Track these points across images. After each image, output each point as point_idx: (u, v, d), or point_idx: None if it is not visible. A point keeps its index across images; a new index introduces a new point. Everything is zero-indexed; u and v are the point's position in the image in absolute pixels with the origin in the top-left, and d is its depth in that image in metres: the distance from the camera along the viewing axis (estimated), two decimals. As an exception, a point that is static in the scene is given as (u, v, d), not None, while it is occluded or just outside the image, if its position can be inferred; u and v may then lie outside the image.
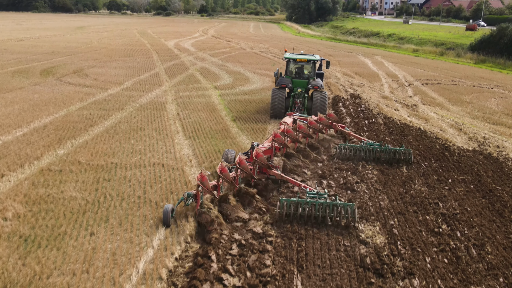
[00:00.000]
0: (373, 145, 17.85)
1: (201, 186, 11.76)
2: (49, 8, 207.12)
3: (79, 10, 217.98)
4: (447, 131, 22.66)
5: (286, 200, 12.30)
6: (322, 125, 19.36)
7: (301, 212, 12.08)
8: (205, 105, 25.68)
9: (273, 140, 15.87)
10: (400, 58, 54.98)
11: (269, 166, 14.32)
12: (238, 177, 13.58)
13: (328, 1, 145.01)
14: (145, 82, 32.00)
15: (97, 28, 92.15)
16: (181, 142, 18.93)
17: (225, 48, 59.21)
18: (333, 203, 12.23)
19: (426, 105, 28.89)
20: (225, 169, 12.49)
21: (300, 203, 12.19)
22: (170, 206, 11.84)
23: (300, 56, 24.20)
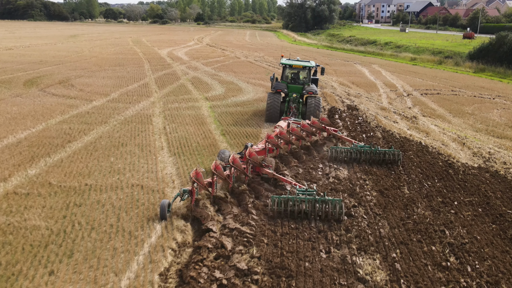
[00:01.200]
0: (363, 147, 18.37)
1: (196, 182, 12.45)
2: (45, 16, 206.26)
3: (75, 18, 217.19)
4: (449, 146, 21.36)
5: (277, 197, 12.94)
6: (315, 129, 20.00)
7: (291, 208, 12.72)
8: (194, 118, 24.34)
9: (266, 142, 16.74)
10: (398, 67, 53.86)
11: (261, 164, 15.05)
12: (232, 175, 14.28)
13: (325, 9, 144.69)
14: (133, 93, 30.66)
15: (90, 37, 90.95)
16: (164, 159, 17.56)
17: (219, 57, 58.00)
18: (321, 198, 12.92)
19: (426, 117, 27.62)
20: (219, 166, 13.17)
21: (291, 200, 12.87)
22: (167, 201, 12.46)
23: (296, 62, 24.80)
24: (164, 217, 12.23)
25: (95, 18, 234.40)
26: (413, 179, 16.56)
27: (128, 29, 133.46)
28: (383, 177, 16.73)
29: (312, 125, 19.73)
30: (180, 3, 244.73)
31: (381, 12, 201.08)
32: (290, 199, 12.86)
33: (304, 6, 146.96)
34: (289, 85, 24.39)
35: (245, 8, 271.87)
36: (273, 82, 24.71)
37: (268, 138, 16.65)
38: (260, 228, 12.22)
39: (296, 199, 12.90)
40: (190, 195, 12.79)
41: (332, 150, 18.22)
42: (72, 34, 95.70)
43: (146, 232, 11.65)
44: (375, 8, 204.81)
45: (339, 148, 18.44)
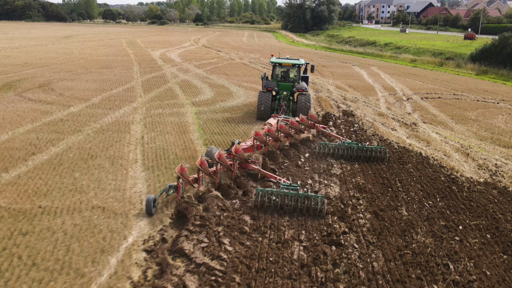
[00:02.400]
0: (350, 144, 18.72)
1: (181, 177, 12.75)
2: (43, 17, 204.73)
3: (73, 19, 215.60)
4: (452, 157, 19.59)
5: (261, 190, 13.25)
6: (303, 126, 20.35)
7: (274, 201, 13.04)
8: (176, 126, 22.58)
9: (254, 139, 17.04)
10: (397, 69, 52.07)
11: (247, 160, 15.26)
12: (219, 171, 14.42)
13: (324, 10, 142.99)
14: (116, 97, 28.91)
15: (85, 37, 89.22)
16: (136, 174, 15.80)
17: (213, 58, 56.23)
18: (304, 194, 13.18)
19: (426, 123, 25.85)
20: (204, 162, 13.46)
21: (274, 193, 13.18)
22: (152, 196, 12.73)
23: (286, 60, 25.31)
24: (150, 212, 12.57)
25: (93, 19, 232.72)
26: (412, 198, 14.80)
27: (125, 30, 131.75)
28: (378, 195, 14.98)
29: (301, 122, 20.15)
30: (179, 4, 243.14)
31: (381, 13, 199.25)
32: (274, 193, 13.17)
33: (303, 7, 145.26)
34: (279, 83, 24.78)
35: (244, 8, 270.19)
36: (264, 81, 25.19)
37: (256, 135, 16.97)
38: (232, 262, 10.46)
39: (279, 192, 13.18)
40: (175, 190, 13.11)
41: (320, 146, 18.70)
42: (66, 35, 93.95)
43: (97, 268, 9.90)
44: (375, 9, 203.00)
45: (327, 144, 18.86)
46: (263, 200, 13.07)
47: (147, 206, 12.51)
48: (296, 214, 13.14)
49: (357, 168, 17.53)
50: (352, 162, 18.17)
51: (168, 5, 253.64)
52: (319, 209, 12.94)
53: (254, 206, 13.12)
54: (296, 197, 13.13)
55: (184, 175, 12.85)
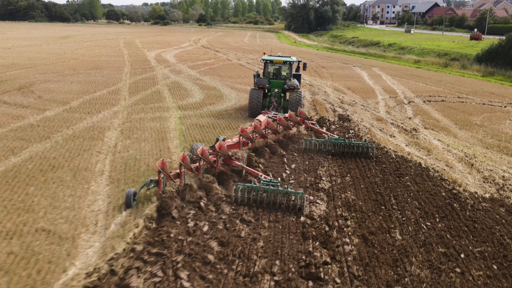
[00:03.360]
0: (337, 140, 18.63)
1: (162, 172, 12.68)
2: (46, 17, 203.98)
3: (77, 19, 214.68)
4: (455, 168, 17.78)
5: (241, 185, 13.24)
6: (291, 122, 20.10)
7: (254, 197, 13.06)
8: (156, 132, 20.88)
9: (240, 135, 16.96)
10: (400, 70, 50.16)
11: (230, 157, 15.11)
12: (201, 167, 14.29)
13: (328, 10, 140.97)
14: (98, 100, 27.27)
15: (82, 38, 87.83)
16: (99, 189, 14.11)
17: (210, 59, 54.54)
18: (284, 190, 13.15)
19: (428, 129, 24.02)
20: (186, 158, 13.39)
21: (254, 189, 13.16)
22: (133, 190, 12.82)
23: (277, 58, 25.39)
24: (129, 205, 12.61)
25: (97, 19, 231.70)
26: (408, 218, 13.00)
27: (126, 30, 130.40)
28: (370, 214, 13.20)
29: (289, 118, 19.91)
30: (183, 4, 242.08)
31: (386, 13, 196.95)
32: (254, 188, 13.18)
33: (306, 7, 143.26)
34: (271, 80, 24.90)
35: (249, 9, 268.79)
36: (256, 79, 25.27)
37: (242, 132, 16.88)
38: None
39: (260, 188, 13.16)
40: (156, 185, 13.04)
41: (307, 142, 18.63)
42: (64, 35, 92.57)
43: (20, 312, 8.18)
44: (379, 9, 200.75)
45: (313, 140, 18.77)
46: (243, 196, 13.11)
47: (127, 199, 12.60)
48: (272, 237, 11.43)
49: (348, 181, 15.76)
50: (344, 175, 16.42)
51: (172, 6, 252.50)
52: (298, 205, 12.92)
53: (235, 201, 13.12)
54: (276, 193, 13.10)
55: (165, 170, 12.80)
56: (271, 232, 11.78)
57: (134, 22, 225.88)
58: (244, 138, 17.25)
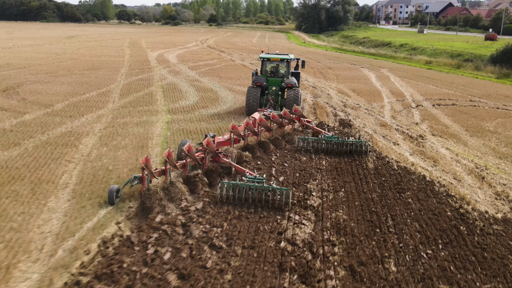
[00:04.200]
0: (331, 138, 18.27)
1: (145, 169, 12.43)
2: (58, 18, 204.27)
3: (88, 20, 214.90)
4: (463, 182, 15.92)
5: (226, 183, 12.98)
6: (285, 120, 19.87)
7: (238, 195, 12.84)
8: (137, 138, 19.30)
9: (231, 132, 16.70)
10: (410, 71, 48.06)
11: (216, 153, 14.90)
12: (188, 163, 14.11)
13: (339, 10, 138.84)
14: (85, 103, 25.81)
15: (88, 38, 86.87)
16: (57, 205, 12.54)
17: (213, 59, 52.94)
18: (269, 187, 12.92)
19: (436, 136, 22.13)
20: (171, 154, 13.15)
21: (239, 186, 12.92)
22: (116, 186, 12.62)
23: (274, 56, 25.07)
24: (112, 202, 12.45)
25: (109, 19, 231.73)
26: (406, 244, 11.22)
27: (135, 30, 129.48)
28: (362, 238, 11.44)
29: (283, 116, 19.68)
30: (194, 5, 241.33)
31: (399, 13, 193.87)
32: (239, 185, 12.97)
33: (317, 7, 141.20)
34: (268, 78, 24.66)
35: (260, 9, 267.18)
36: (254, 77, 24.95)
37: (233, 128, 16.60)
38: None
39: (244, 185, 12.98)
40: (140, 182, 12.78)
41: (299, 140, 18.24)
42: (71, 35, 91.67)
43: None
44: (392, 9, 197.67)
45: (307, 138, 18.37)
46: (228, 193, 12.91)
47: (110, 196, 12.43)
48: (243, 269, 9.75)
49: (341, 197, 13.99)
50: (337, 190, 14.65)
51: (183, 6, 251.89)
52: (284, 202, 12.82)
53: (220, 199, 12.92)
54: (261, 190, 12.94)
55: (148, 166, 12.59)
56: (243, 262, 10.09)
57: (145, 23, 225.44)
58: (235, 135, 16.96)
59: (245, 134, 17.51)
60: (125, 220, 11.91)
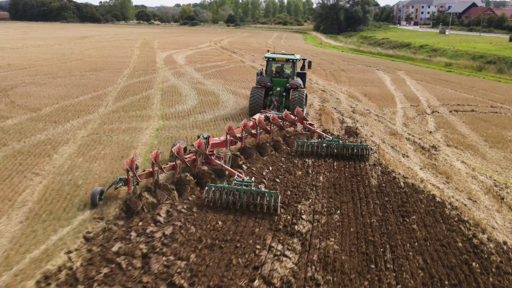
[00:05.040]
0: (331, 141, 17.62)
1: (129, 170, 12.03)
2: (78, 18, 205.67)
3: (107, 20, 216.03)
4: (479, 203, 13.93)
5: (213, 186, 12.46)
6: (285, 122, 19.22)
7: (225, 198, 12.30)
8: (120, 147, 17.73)
9: (227, 134, 16.18)
10: (428, 74, 45.66)
11: (207, 155, 14.44)
12: (178, 166, 13.65)
13: (358, 10, 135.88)
14: (76, 106, 24.42)
15: (103, 38, 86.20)
16: (6, 229, 11.03)
17: (222, 61, 51.31)
18: (257, 190, 12.31)
19: (451, 146, 20.06)
20: (158, 156, 12.83)
21: (227, 190, 12.36)
22: (99, 188, 12.23)
23: (279, 55, 24.36)
24: (95, 204, 12.08)
25: (128, 20, 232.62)
26: (405, 285, 9.34)
27: (151, 31, 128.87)
28: (352, 276, 9.64)
29: (284, 118, 19.02)
30: (213, 5, 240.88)
31: (420, 14, 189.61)
32: (226, 189, 12.45)
33: (336, 7, 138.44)
34: (273, 78, 24.01)
35: (279, 10, 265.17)
36: (258, 77, 24.29)
37: (229, 130, 16.08)
38: None
39: (231, 189, 12.45)
40: (125, 184, 12.45)
41: (298, 144, 17.54)
42: (84, 36, 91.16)
43: None
44: (414, 9, 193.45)
45: (306, 142, 17.65)
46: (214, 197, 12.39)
47: (92, 198, 12.09)
48: None
49: (335, 221, 12.15)
50: (332, 212, 12.81)
51: (202, 6, 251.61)
52: (272, 206, 12.26)
53: (206, 203, 12.43)
54: (248, 194, 12.39)
55: (133, 169, 12.21)
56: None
57: (164, 23, 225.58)
58: (231, 137, 16.37)
59: (242, 136, 16.92)
60: (82, 246, 10.33)
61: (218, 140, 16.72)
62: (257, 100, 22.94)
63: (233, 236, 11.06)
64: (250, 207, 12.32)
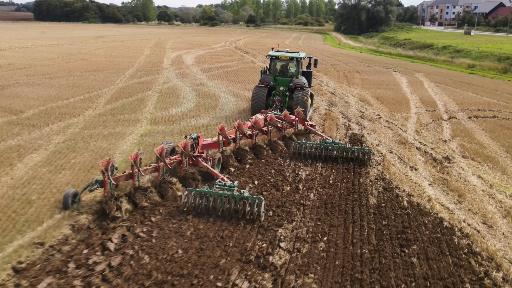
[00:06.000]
0: (330, 144, 16.78)
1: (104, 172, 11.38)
2: (99, 18, 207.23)
3: (129, 20, 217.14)
4: (496, 229, 11.80)
5: (193, 190, 11.77)
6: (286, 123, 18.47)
7: (205, 204, 11.58)
8: (95, 155, 16.08)
9: (219, 134, 15.40)
10: (449, 76, 43.02)
11: (191, 156, 13.80)
12: (161, 167, 12.97)
13: (380, 10, 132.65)
14: (62, 109, 22.95)
15: (117, 38, 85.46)
16: None
17: (232, 61, 49.53)
18: (240, 195, 11.59)
19: (467, 158, 17.84)
20: (137, 157, 12.15)
21: (207, 194, 11.65)
22: (72, 190, 11.60)
23: (283, 53, 23.43)
24: (67, 207, 11.36)
25: (150, 20, 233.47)
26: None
27: (170, 31, 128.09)
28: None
29: (283, 119, 18.27)
30: (234, 5, 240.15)
31: (445, 14, 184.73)
32: (207, 193, 11.66)
33: (358, 7, 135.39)
34: (276, 77, 23.14)
35: (301, 10, 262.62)
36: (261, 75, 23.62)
37: (221, 130, 15.27)
38: None
39: (212, 193, 11.66)
40: (101, 186, 11.67)
41: (296, 145, 16.78)
42: (99, 36, 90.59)
43: None
44: (438, 10, 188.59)
45: (304, 143, 16.82)
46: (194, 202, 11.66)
47: (64, 201, 11.41)
48: None
49: (319, 251, 10.20)
50: (317, 239, 10.84)
51: (223, 7, 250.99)
52: (256, 212, 11.43)
53: (186, 208, 11.72)
54: (230, 199, 11.62)
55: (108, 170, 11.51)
56: None
57: (185, 23, 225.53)
58: (223, 138, 15.50)
59: (236, 137, 16.17)
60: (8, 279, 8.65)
61: (210, 140, 15.88)
62: (259, 100, 22.09)
63: (192, 270, 9.22)
64: (232, 213, 11.48)
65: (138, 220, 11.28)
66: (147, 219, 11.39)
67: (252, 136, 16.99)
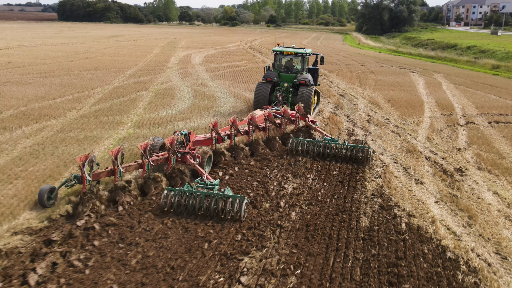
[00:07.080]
0: (329, 141, 16.11)
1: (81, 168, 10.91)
2: (121, 19, 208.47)
3: (150, 20, 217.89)
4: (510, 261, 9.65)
5: (172, 189, 11.30)
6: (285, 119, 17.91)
7: (184, 203, 11.10)
8: (58, 162, 14.45)
9: (211, 131, 14.92)
10: (470, 77, 40.30)
11: (176, 152, 13.27)
12: (146, 164, 12.49)
13: (403, 10, 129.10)
14: (44, 110, 21.47)
15: (131, 37, 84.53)
16: None
17: (242, 61, 47.68)
18: (220, 194, 11.08)
19: (483, 170, 15.62)
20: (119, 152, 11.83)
21: (187, 192, 11.17)
22: (48, 186, 11.19)
23: (288, 49, 22.85)
24: (42, 204, 10.97)
25: (171, 21, 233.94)
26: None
27: (188, 31, 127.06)
28: None
29: (282, 115, 17.85)
30: (255, 5, 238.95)
31: (471, 14, 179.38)
32: (186, 192, 11.17)
33: (380, 7, 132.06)
34: (281, 73, 22.63)
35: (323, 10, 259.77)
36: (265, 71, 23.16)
37: (214, 126, 14.77)
38: None
39: (192, 192, 11.16)
40: (79, 182, 11.23)
41: (293, 142, 16.21)
42: (114, 35, 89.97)
43: None
44: (464, 9, 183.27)
45: (301, 140, 16.24)
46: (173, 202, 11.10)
47: (40, 198, 10.89)
48: None
49: None
50: (288, 272, 8.90)
51: (244, 7, 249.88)
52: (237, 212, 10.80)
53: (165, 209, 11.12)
54: (210, 198, 11.00)
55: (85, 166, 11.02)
56: None
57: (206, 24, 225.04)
58: (216, 134, 15.00)
59: (231, 134, 15.62)
60: None
61: (202, 137, 15.27)
62: (262, 96, 21.57)
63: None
64: (212, 212, 10.97)
65: (78, 243, 9.54)
66: (90, 242, 9.64)
67: (248, 133, 16.35)
